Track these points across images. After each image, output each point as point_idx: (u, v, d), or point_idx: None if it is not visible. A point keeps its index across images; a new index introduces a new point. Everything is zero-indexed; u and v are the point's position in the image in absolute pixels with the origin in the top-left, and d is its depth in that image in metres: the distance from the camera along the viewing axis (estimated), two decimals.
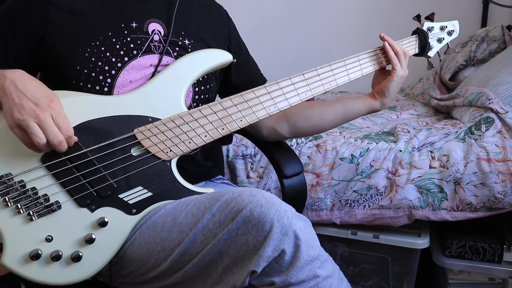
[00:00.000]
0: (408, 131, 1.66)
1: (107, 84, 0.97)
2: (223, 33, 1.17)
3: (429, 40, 1.22)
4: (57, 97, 0.85)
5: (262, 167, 1.61)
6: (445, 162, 1.48)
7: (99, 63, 0.96)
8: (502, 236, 1.63)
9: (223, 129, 0.98)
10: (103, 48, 0.97)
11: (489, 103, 1.62)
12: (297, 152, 1.55)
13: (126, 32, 1.00)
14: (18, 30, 0.95)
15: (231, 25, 1.21)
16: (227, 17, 1.21)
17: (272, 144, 1.26)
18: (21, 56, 0.97)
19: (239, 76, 1.20)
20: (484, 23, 2.74)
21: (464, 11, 2.75)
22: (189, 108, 1.07)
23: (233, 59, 1.04)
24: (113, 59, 0.97)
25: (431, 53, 1.24)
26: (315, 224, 1.61)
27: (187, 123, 0.95)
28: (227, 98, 0.99)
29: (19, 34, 0.96)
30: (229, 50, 1.16)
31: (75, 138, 0.87)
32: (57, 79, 0.96)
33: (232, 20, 1.22)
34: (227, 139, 1.51)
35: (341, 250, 1.72)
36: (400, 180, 1.50)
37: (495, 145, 1.47)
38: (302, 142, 1.61)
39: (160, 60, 1.01)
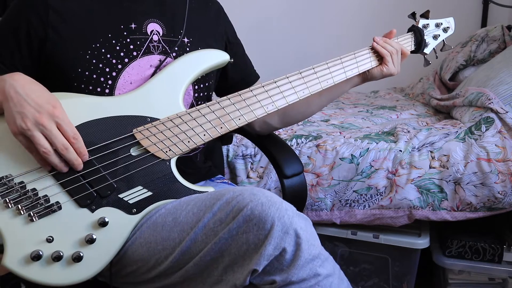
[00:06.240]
0: (408, 131, 1.66)
1: (108, 86, 0.97)
2: (220, 30, 1.17)
3: (425, 37, 1.23)
4: (59, 102, 0.85)
5: (262, 167, 1.61)
6: (445, 162, 1.48)
7: (100, 65, 0.97)
8: (502, 236, 1.63)
9: (221, 128, 0.98)
10: (103, 50, 0.97)
11: (489, 103, 1.62)
12: (297, 152, 1.55)
13: (125, 33, 1.00)
14: (21, 38, 0.95)
15: (227, 20, 1.21)
16: (223, 13, 1.21)
17: (272, 144, 1.26)
18: (27, 64, 0.97)
19: (235, 72, 1.21)
20: (484, 23, 2.74)
21: (464, 11, 2.76)
22: (191, 105, 1.07)
23: (230, 59, 1.04)
24: (114, 61, 0.98)
25: (427, 50, 1.26)
26: (315, 224, 1.60)
27: (185, 122, 0.95)
28: (225, 97, 0.99)
29: (22, 41, 0.95)
30: (226, 46, 1.17)
31: (84, 148, 0.86)
32: (59, 82, 0.96)
33: (227, 15, 1.22)
34: (227, 139, 1.51)
35: (341, 250, 1.72)
36: (400, 180, 1.50)
37: (495, 145, 1.47)
38: (302, 142, 1.61)
39: (160, 61, 1.02)
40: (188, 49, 1.06)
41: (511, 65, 1.79)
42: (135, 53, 1.00)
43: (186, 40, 1.07)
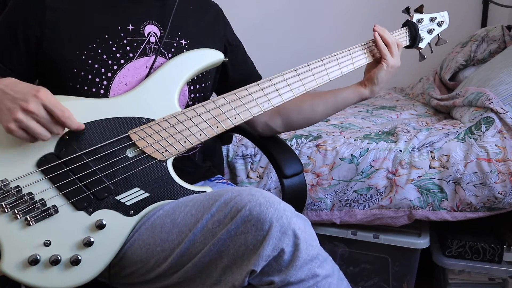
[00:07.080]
0: (408, 131, 1.66)
1: (103, 87, 0.97)
2: (219, 32, 1.17)
3: (419, 32, 1.22)
4: (43, 87, 0.84)
5: (262, 167, 1.61)
6: (445, 162, 1.48)
7: (96, 66, 0.96)
8: (502, 236, 1.63)
9: (217, 127, 0.98)
10: (99, 51, 0.97)
11: (489, 103, 1.61)
12: (297, 152, 1.55)
13: (122, 34, 0.99)
14: (18, 37, 0.96)
15: (226, 23, 1.21)
16: (222, 15, 1.21)
17: (272, 144, 1.26)
18: (25, 63, 0.97)
19: (236, 73, 1.20)
20: (484, 23, 2.74)
21: (464, 11, 2.75)
22: (187, 106, 1.07)
23: (225, 58, 1.04)
24: (110, 62, 0.97)
25: (422, 45, 1.24)
26: (315, 224, 1.61)
27: (181, 122, 0.95)
28: (221, 96, 0.99)
29: (19, 41, 0.96)
30: (225, 48, 1.17)
31: (76, 121, 0.86)
32: (55, 82, 0.96)
33: (226, 17, 1.22)
34: (227, 139, 1.51)
35: (341, 250, 1.71)
36: (400, 180, 1.49)
37: (495, 145, 1.47)
38: (302, 142, 1.61)
39: (154, 62, 1.01)
40: (185, 51, 1.06)
41: (511, 65, 1.78)
42: (131, 55, 1.00)
43: (183, 42, 1.07)
